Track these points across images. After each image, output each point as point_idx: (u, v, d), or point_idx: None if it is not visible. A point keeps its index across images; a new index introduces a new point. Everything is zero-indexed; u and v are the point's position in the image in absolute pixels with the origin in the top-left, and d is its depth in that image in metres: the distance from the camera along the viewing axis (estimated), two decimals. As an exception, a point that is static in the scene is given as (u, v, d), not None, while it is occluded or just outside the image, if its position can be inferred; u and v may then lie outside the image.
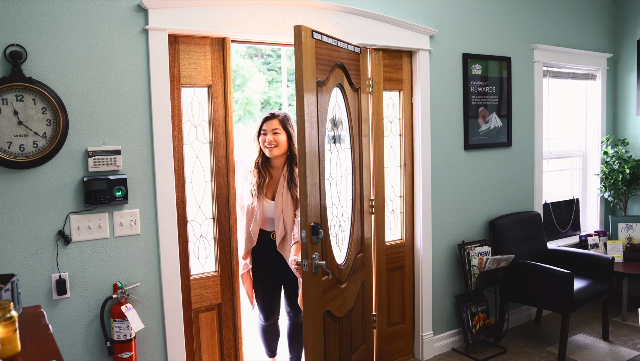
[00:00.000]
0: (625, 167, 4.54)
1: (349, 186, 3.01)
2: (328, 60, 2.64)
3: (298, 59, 2.35)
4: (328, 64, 2.65)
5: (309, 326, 2.43)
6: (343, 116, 2.93)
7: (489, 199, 3.94)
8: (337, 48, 2.75)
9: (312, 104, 2.47)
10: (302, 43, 2.36)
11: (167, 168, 2.55)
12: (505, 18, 3.93)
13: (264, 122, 2.90)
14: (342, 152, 2.93)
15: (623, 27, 4.78)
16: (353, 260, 2.99)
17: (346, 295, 2.86)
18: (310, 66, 2.43)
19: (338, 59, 2.76)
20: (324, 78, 2.61)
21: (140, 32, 2.47)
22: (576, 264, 3.88)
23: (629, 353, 3.65)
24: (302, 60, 2.36)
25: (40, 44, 2.25)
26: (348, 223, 3.00)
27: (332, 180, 2.82)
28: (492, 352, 3.67)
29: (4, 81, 2.18)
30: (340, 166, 2.92)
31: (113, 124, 2.43)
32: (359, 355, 3.08)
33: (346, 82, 2.91)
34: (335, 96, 2.82)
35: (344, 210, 2.97)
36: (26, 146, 2.24)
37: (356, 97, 3.06)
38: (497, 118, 3.96)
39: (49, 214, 2.31)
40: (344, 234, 2.96)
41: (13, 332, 1.26)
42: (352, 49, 2.95)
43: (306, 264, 2.40)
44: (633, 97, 4.73)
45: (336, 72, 2.76)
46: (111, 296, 2.43)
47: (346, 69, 2.87)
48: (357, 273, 3.05)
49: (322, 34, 2.57)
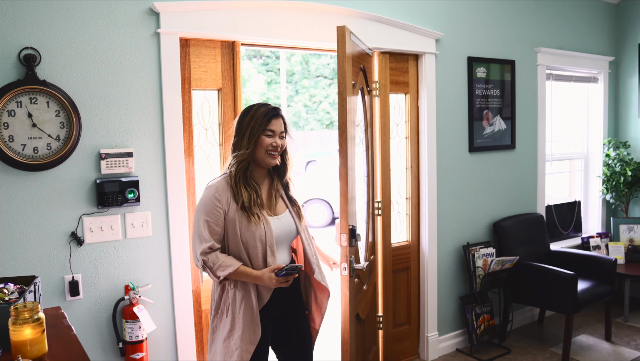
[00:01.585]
0: (626, 169, 4.58)
1: (364, 189, 3.01)
2: (357, 62, 2.65)
3: (341, 61, 2.30)
4: (357, 66, 2.65)
5: (347, 330, 2.35)
6: (361, 118, 2.94)
7: (493, 201, 3.97)
8: (361, 50, 2.76)
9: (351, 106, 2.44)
10: (345, 44, 2.32)
11: (178, 170, 2.57)
12: (509, 22, 3.96)
13: (271, 119, 2.10)
14: (360, 155, 2.91)
15: (625, 31, 4.82)
16: (369, 262, 3.00)
17: (367, 297, 2.88)
18: (348, 67, 2.39)
19: (362, 61, 2.78)
20: (355, 80, 2.60)
21: (151, 36, 2.49)
22: (579, 266, 3.91)
23: (631, 354, 3.68)
24: (344, 62, 2.31)
25: (54, 47, 2.27)
26: (364, 225, 3.00)
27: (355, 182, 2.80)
28: (496, 353, 3.70)
29: (19, 84, 2.19)
30: (359, 168, 2.89)
31: (125, 126, 2.45)
32: (372, 355, 3.10)
33: (365, 85, 2.93)
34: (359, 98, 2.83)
35: (361, 212, 2.96)
36: (40, 148, 2.26)
37: (370, 100, 3.08)
38: (501, 121, 3.99)
39: (62, 216, 2.32)
40: (360, 236, 2.94)
41: (41, 333, 1.28)
42: (368, 51, 2.95)
43: (346, 267, 2.32)
44: (634, 100, 4.76)
45: (360, 75, 2.77)
46: (123, 298, 2.45)
47: (365, 71, 2.89)
48: (372, 275, 3.06)
49: (354, 35, 2.54)
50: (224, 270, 1.99)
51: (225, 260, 2.01)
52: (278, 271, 1.99)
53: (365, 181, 3.00)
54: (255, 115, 2.09)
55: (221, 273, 1.99)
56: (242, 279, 2.03)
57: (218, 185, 2.04)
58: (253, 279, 2.02)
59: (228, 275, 2.00)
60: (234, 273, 1.99)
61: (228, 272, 1.98)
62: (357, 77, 2.65)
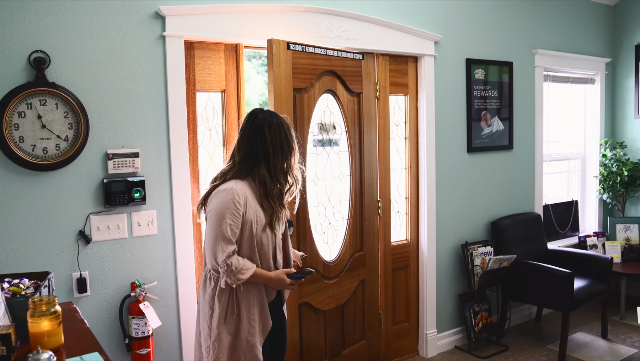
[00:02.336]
0: (623, 169, 4.65)
1: (344, 187, 3.14)
2: (311, 68, 2.83)
3: (270, 69, 2.65)
4: (311, 73, 2.84)
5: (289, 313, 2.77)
6: (338, 120, 3.07)
7: (491, 201, 4.03)
8: (326, 57, 2.94)
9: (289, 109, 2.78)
10: (273, 55, 2.66)
11: (183, 170, 2.63)
12: (507, 24, 4.02)
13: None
14: (334, 155, 3.09)
15: (621, 33, 4.89)
16: (348, 258, 3.14)
17: (335, 290, 3.05)
18: (285, 75, 2.69)
19: (327, 66, 2.94)
20: (305, 85, 2.81)
21: (157, 39, 2.55)
22: (576, 265, 3.98)
23: (627, 351, 3.75)
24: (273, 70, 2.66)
25: (63, 50, 2.33)
26: (342, 222, 3.13)
27: (319, 181, 2.99)
28: (494, 350, 3.76)
29: (29, 86, 2.26)
30: (332, 168, 3.07)
31: (131, 127, 2.51)
32: (358, 349, 3.26)
33: (341, 88, 3.07)
34: (325, 101, 2.99)
35: (337, 210, 3.12)
36: (49, 149, 2.32)
37: (356, 102, 3.18)
38: (499, 121, 4.05)
39: (70, 214, 2.38)
40: (335, 232, 3.11)
41: (58, 325, 1.35)
42: (350, 56, 3.10)
43: None
44: (631, 101, 4.83)
45: (324, 79, 2.95)
46: (129, 294, 2.51)
47: (340, 75, 3.03)
48: (355, 271, 3.20)
49: (302, 45, 2.77)
50: (245, 273, 2.01)
51: (245, 263, 2.03)
52: (292, 274, 2.12)
53: (346, 181, 3.14)
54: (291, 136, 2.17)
55: (243, 276, 2.01)
56: (256, 281, 2.07)
57: (236, 188, 2.04)
58: (266, 281, 2.09)
59: (248, 278, 2.02)
60: (252, 275, 2.03)
61: (249, 275, 2.01)
62: (315, 82, 2.89)
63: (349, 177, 3.17)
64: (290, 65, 2.74)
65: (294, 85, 2.78)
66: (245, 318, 2.09)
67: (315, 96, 2.93)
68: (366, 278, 3.30)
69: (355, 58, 3.14)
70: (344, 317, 3.17)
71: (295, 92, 2.81)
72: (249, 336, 2.09)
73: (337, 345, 3.14)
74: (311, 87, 2.89)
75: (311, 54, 2.86)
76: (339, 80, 3.06)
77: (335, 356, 3.13)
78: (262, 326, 2.12)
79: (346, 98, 3.12)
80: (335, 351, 3.13)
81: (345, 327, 3.18)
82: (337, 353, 3.15)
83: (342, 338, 3.18)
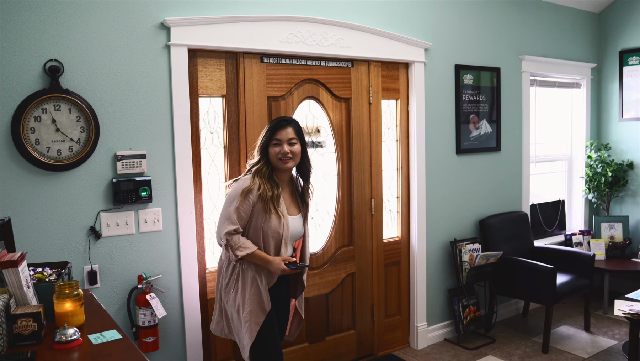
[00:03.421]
0: (607, 170, 4.84)
1: (330, 186, 3.47)
2: (289, 78, 3.21)
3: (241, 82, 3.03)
4: (289, 82, 3.21)
5: None
6: (323, 124, 3.39)
7: (479, 200, 4.22)
8: (307, 66, 3.27)
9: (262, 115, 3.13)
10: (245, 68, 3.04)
11: (186, 171, 2.81)
12: (494, 31, 4.22)
13: (276, 130, 2.46)
14: (318, 156, 3.38)
15: (606, 39, 5.08)
16: (334, 251, 3.46)
17: (317, 280, 3.38)
18: (257, 85, 3.07)
19: (308, 75, 3.27)
20: (283, 93, 3.19)
21: (163, 48, 2.74)
22: (560, 261, 4.17)
23: (607, 343, 3.94)
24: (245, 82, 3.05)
25: (75, 58, 2.51)
26: (328, 217, 3.47)
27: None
28: (481, 342, 3.95)
29: (44, 92, 2.44)
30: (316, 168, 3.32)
31: (139, 130, 2.69)
32: (346, 337, 3.56)
33: (325, 94, 3.36)
34: (307, 107, 3.33)
35: (321, 206, 3.45)
36: (62, 151, 2.50)
37: (344, 107, 3.44)
38: (487, 124, 4.24)
39: (81, 211, 2.57)
40: (319, 227, 3.44)
41: (80, 306, 1.53)
42: (336, 64, 3.38)
43: None
44: (615, 104, 5.03)
45: (305, 87, 3.27)
46: (137, 286, 2.69)
47: (324, 83, 3.33)
48: (342, 264, 3.50)
49: (278, 57, 3.15)
50: (242, 251, 2.37)
51: (245, 242, 2.39)
52: (290, 264, 2.41)
53: (336, 180, 3.46)
54: (266, 127, 2.52)
55: (240, 253, 2.37)
56: (255, 261, 2.41)
57: (247, 179, 2.44)
58: (264, 263, 2.41)
59: (244, 255, 2.37)
60: (251, 254, 2.38)
61: (246, 253, 2.37)
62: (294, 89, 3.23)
63: (335, 176, 3.46)
64: (265, 76, 3.11)
65: (268, 94, 3.13)
66: (242, 297, 2.41)
67: (294, 103, 3.24)
68: (356, 272, 3.55)
69: (342, 66, 3.40)
70: (328, 306, 3.45)
71: (271, 100, 3.14)
72: (245, 315, 2.39)
73: (320, 331, 3.43)
74: (289, 95, 3.21)
75: (288, 65, 3.19)
76: (323, 87, 3.34)
77: (317, 341, 3.42)
78: (258, 310, 2.40)
79: (331, 104, 3.38)
80: (317, 336, 3.41)
81: (330, 315, 3.47)
82: (320, 339, 3.43)
83: (327, 325, 3.46)
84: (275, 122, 2.51)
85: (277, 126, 2.48)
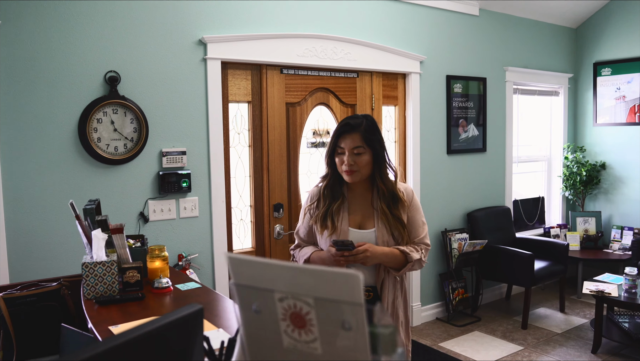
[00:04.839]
0: (582, 170, 5.39)
1: None
2: (304, 87, 3.71)
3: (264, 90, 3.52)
4: (304, 90, 3.71)
5: None
6: (333, 127, 3.89)
7: (467, 195, 4.75)
8: (319, 77, 3.77)
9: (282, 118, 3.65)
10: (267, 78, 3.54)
11: (219, 166, 3.30)
12: (481, 45, 4.75)
13: (339, 136, 2.03)
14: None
15: (582, 51, 5.64)
16: None
17: None
18: (277, 92, 3.57)
19: (320, 84, 3.78)
20: (299, 99, 3.68)
21: (200, 61, 3.22)
22: (538, 250, 4.70)
23: (579, 321, 4.48)
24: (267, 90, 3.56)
25: (130, 69, 2.99)
26: None
27: (311, 175, 3.81)
28: (468, 320, 4.47)
29: (105, 98, 2.91)
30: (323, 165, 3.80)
31: (180, 130, 3.17)
32: None
33: (334, 101, 3.88)
34: (319, 112, 3.84)
35: None
36: (119, 147, 2.98)
37: (350, 112, 3.98)
38: (474, 128, 4.77)
39: (133, 199, 3.04)
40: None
41: (166, 264, 2.01)
42: (344, 75, 3.90)
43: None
44: (590, 111, 5.59)
45: (317, 94, 3.78)
46: (178, 263, 3.17)
47: (333, 91, 3.85)
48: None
49: (296, 68, 3.67)
50: (300, 261, 2.16)
51: (300, 253, 2.18)
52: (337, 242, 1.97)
53: None
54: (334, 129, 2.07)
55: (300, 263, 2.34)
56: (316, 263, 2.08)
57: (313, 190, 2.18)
58: (322, 262, 2.08)
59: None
60: (309, 261, 2.12)
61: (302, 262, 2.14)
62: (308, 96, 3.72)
63: None
64: (284, 85, 3.60)
65: (286, 100, 3.59)
66: None
67: (308, 108, 3.74)
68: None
69: (349, 76, 3.91)
70: None
71: (289, 106, 3.63)
72: None
73: None
74: (304, 101, 3.71)
75: (303, 75, 3.69)
76: (333, 95, 3.85)
77: None
78: None
79: (340, 109, 3.88)
80: None
81: None
82: None
83: None
84: (340, 125, 2.04)
85: (341, 130, 2.02)
